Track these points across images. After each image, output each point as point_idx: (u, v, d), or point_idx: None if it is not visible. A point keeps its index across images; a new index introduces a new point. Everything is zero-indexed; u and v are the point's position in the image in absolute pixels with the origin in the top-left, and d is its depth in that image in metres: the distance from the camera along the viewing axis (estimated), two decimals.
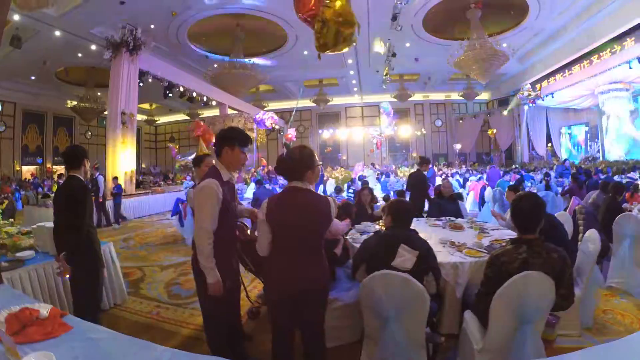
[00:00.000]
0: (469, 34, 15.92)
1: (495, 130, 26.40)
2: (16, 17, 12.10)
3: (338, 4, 6.34)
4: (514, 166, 21.77)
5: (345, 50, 7.03)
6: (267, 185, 10.82)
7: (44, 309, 2.06)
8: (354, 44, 6.84)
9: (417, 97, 27.40)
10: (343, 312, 3.38)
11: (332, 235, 2.95)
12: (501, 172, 13.54)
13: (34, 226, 4.55)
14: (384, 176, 16.73)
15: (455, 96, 27.89)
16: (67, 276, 3.10)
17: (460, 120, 28.93)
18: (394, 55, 17.56)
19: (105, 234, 9.47)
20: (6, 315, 1.97)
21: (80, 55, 17.67)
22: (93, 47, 15.82)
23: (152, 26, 15.05)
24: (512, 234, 4.07)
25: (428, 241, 3.07)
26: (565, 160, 19.46)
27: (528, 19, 15.99)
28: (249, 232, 3.64)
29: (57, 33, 14.60)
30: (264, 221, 2.46)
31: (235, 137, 2.76)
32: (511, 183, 9.00)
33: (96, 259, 3.31)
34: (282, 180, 14.41)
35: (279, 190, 10.73)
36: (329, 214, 2.47)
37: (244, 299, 4.47)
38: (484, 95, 28.31)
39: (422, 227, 4.91)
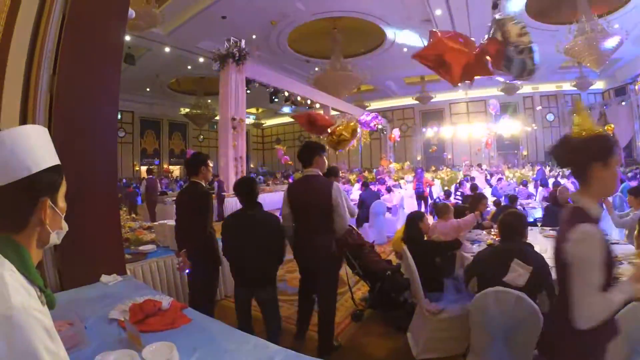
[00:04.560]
0: (577, 17, 14.30)
1: (612, 125, 23.39)
2: (128, 38, 13.27)
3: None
4: (634, 166, 18.97)
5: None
6: (372, 187, 10.54)
7: (166, 301, 2.16)
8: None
9: (526, 89, 24.88)
10: (449, 323, 3.25)
11: (458, 232, 3.78)
12: (624, 175, 11.89)
13: (156, 223, 4.95)
14: (493, 178, 15.56)
15: (567, 86, 24.65)
16: (187, 271, 3.35)
17: (574, 114, 25.87)
18: None
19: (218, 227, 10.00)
20: (130, 305, 2.09)
21: (189, 67, 19.20)
22: (201, 59, 17.13)
23: (254, 36, 15.78)
24: (631, 249, 3.72)
25: (544, 254, 2.85)
26: None
27: None
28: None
29: (167, 49, 16.08)
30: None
31: (321, 147, 3.53)
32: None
33: (214, 258, 3.48)
34: (389, 182, 14.15)
35: (385, 191, 10.57)
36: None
37: (348, 300, 4.47)
38: (599, 85, 24.33)
39: (536, 238, 4.54)
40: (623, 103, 22.16)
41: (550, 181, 11.51)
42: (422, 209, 10.32)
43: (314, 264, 3.31)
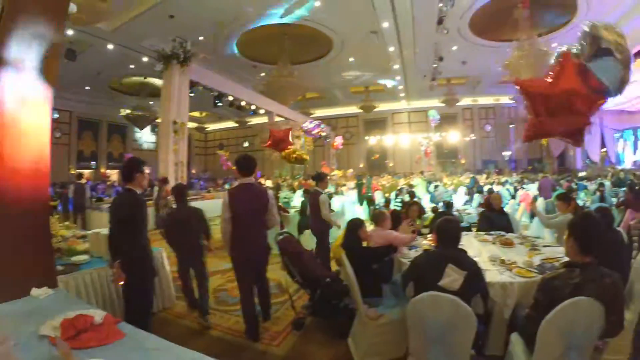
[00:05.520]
0: (518, 35, 15.27)
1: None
2: (70, 32, 12.77)
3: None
4: (566, 174, 20.37)
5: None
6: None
7: (99, 316, 2.09)
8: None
9: (466, 101, 26.62)
10: (388, 328, 3.34)
11: (397, 243, 3.99)
12: (555, 183, 12.72)
13: (90, 232, 4.70)
14: (432, 186, 16.06)
15: (505, 99, 26.43)
16: (121, 283, 3.16)
17: (510, 125, 27.53)
18: (440, 59, 17.22)
19: (155, 237, 9.67)
20: (61, 320, 2.00)
21: (132, 66, 18.52)
22: (145, 58, 16.55)
23: (201, 38, 15.47)
24: (561, 250, 3.88)
25: (478, 258, 3.06)
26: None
27: (578, 17, 14.98)
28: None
29: (110, 46, 15.43)
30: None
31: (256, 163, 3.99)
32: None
33: (149, 268, 3.36)
34: (332, 189, 14.28)
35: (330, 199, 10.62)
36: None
37: (289, 309, 4.48)
38: None
39: (472, 242, 4.78)
40: None
41: (486, 188, 12.11)
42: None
43: (255, 255, 3.90)
